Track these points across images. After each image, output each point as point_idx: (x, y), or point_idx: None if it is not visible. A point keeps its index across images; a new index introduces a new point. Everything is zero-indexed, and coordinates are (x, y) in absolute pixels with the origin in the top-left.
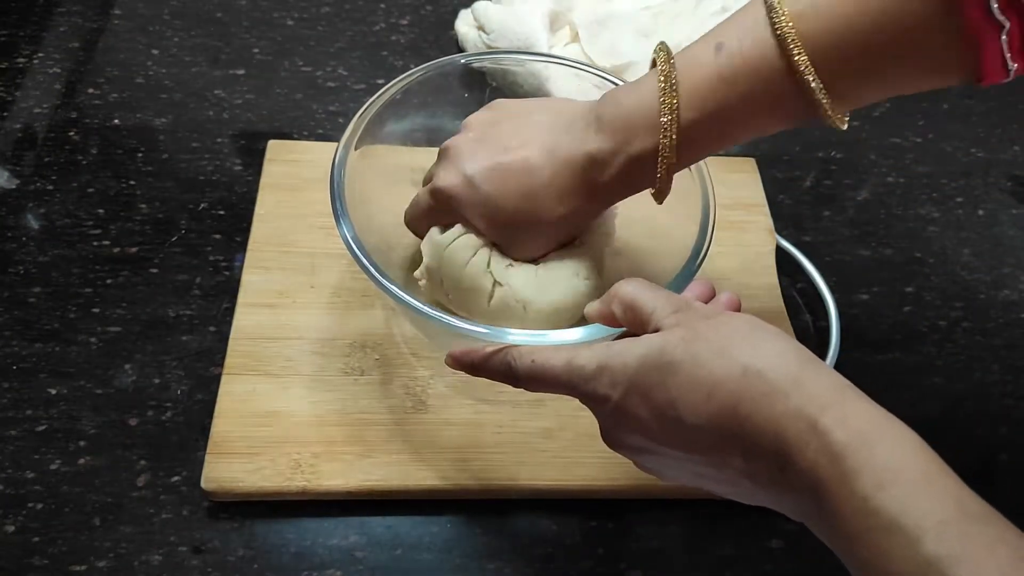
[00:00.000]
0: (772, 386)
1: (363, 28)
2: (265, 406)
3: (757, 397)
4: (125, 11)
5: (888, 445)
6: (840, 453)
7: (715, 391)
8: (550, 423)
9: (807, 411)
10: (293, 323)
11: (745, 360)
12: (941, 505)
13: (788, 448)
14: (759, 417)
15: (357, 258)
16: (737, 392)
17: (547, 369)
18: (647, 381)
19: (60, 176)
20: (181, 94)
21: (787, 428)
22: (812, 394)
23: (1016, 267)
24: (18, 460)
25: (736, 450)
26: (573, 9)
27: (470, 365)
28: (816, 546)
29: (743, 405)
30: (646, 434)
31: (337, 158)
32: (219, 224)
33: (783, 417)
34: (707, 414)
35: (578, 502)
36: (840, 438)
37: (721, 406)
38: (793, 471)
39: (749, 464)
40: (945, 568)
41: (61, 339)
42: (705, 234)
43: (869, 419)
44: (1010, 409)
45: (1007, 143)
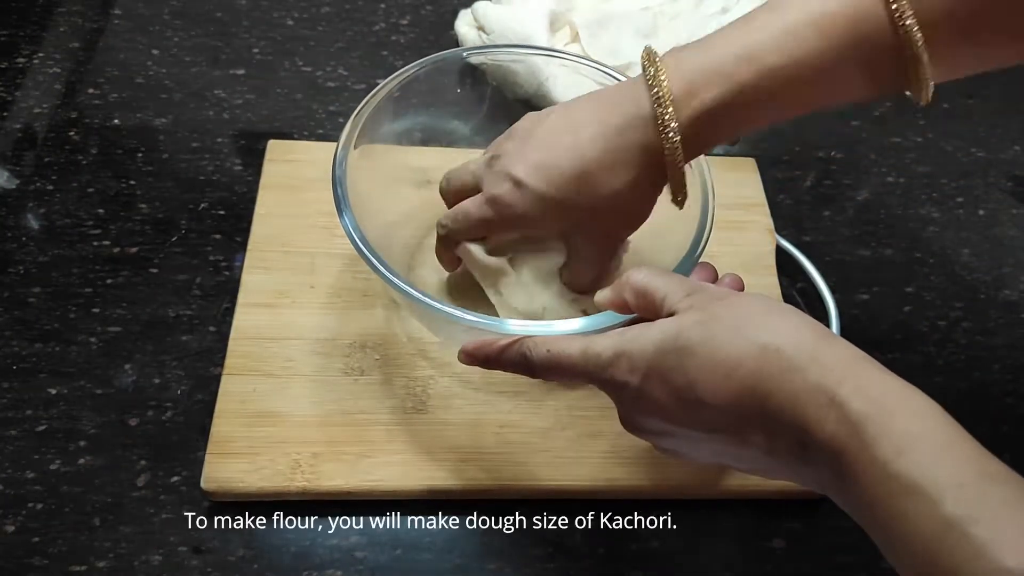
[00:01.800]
0: (790, 362)
1: (363, 28)
2: (265, 406)
3: (776, 374)
4: (125, 11)
5: (906, 412)
6: (859, 422)
7: (734, 371)
8: (550, 423)
9: (825, 384)
10: (293, 323)
11: (762, 338)
12: (959, 468)
13: (808, 422)
14: (779, 394)
15: (365, 255)
16: (756, 371)
17: (564, 358)
18: (665, 365)
19: (60, 176)
20: (181, 94)
21: (806, 403)
22: (829, 367)
23: (1016, 267)
24: (18, 460)
25: (757, 428)
26: (573, 9)
27: (484, 359)
28: (816, 546)
29: (763, 383)
30: (666, 417)
31: (338, 154)
32: (219, 224)
33: (802, 392)
34: (727, 394)
35: (578, 502)
36: (858, 408)
37: (741, 385)
38: (814, 444)
39: (770, 441)
40: (964, 528)
41: (61, 339)
42: (706, 220)
43: (886, 388)
44: (1010, 408)
45: (1007, 143)
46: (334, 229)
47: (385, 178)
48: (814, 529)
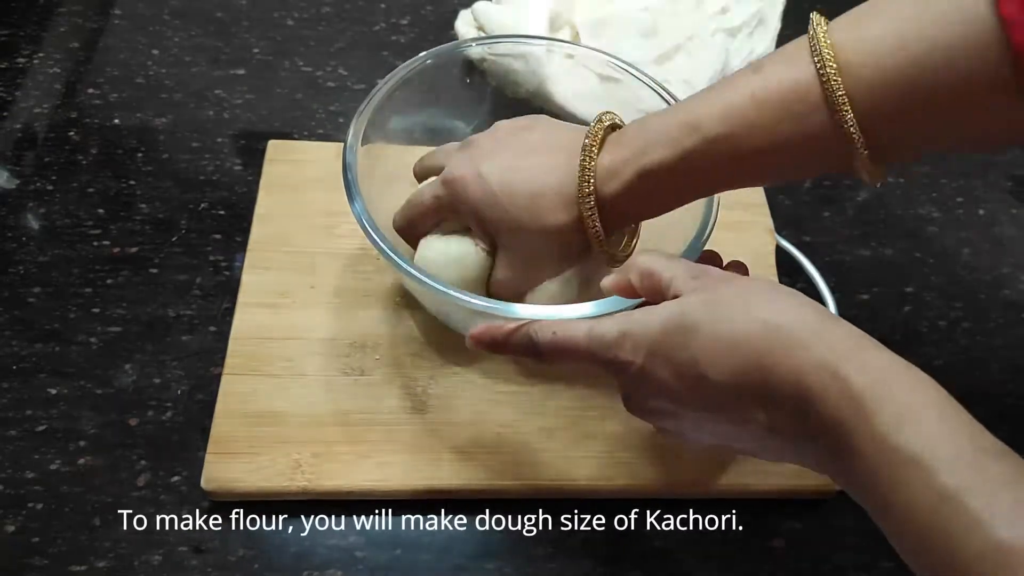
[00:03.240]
0: (793, 339)
1: (363, 28)
2: (265, 406)
3: (778, 350)
4: (125, 11)
5: (906, 388)
6: (860, 396)
7: (737, 347)
8: (550, 423)
9: (828, 360)
10: (293, 323)
11: (766, 316)
12: (957, 441)
13: (810, 396)
14: (781, 369)
15: (375, 241)
16: (759, 347)
17: (569, 340)
18: (669, 343)
19: (60, 176)
20: (181, 94)
21: (809, 376)
22: (832, 345)
23: (1016, 267)
24: (18, 460)
25: (759, 403)
26: (573, 9)
27: (491, 342)
28: (816, 546)
29: (766, 358)
30: (669, 396)
31: (348, 142)
32: (219, 224)
33: (804, 366)
34: (730, 370)
35: (578, 502)
36: (860, 382)
37: (745, 361)
38: (815, 418)
39: (772, 416)
40: (961, 499)
41: (61, 339)
42: (711, 212)
43: (887, 366)
44: (1011, 408)
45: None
46: (334, 229)
47: (387, 177)
48: (814, 529)
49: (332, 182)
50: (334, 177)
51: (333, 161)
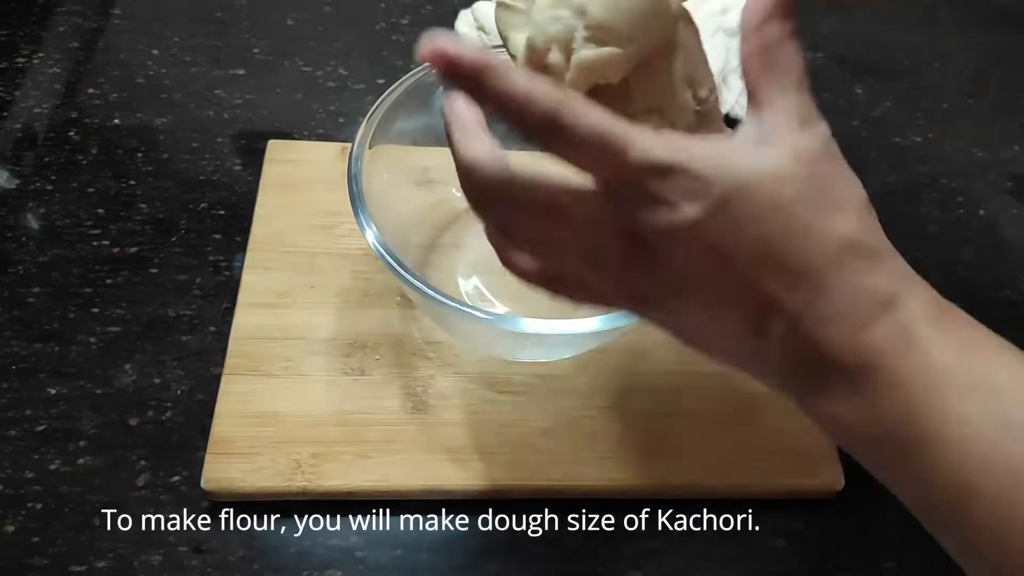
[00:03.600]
0: (865, 259)
1: (363, 28)
2: (265, 406)
3: (845, 266)
4: (125, 11)
5: (962, 322)
6: (913, 325)
7: (810, 247)
8: (550, 423)
9: (886, 292)
10: (293, 323)
11: (850, 232)
12: (1019, 368)
13: (857, 321)
14: (839, 285)
15: (382, 254)
16: (826, 263)
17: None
18: (748, 210)
19: (60, 176)
20: (181, 94)
21: (861, 300)
22: (900, 277)
23: (1016, 267)
24: (18, 460)
25: (783, 314)
26: None
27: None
28: (816, 546)
29: (831, 274)
30: (690, 275)
31: (354, 152)
32: (219, 224)
33: (863, 288)
34: (781, 269)
35: (578, 502)
36: (915, 313)
37: (805, 266)
38: (847, 349)
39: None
40: None
41: (61, 339)
42: None
43: (945, 303)
44: None
45: (1007, 143)
46: (334, 229)
47: (394, 179)
48: (814, 529)
49: (332, 182)
50: (334, 177)
51: (333, 161)
